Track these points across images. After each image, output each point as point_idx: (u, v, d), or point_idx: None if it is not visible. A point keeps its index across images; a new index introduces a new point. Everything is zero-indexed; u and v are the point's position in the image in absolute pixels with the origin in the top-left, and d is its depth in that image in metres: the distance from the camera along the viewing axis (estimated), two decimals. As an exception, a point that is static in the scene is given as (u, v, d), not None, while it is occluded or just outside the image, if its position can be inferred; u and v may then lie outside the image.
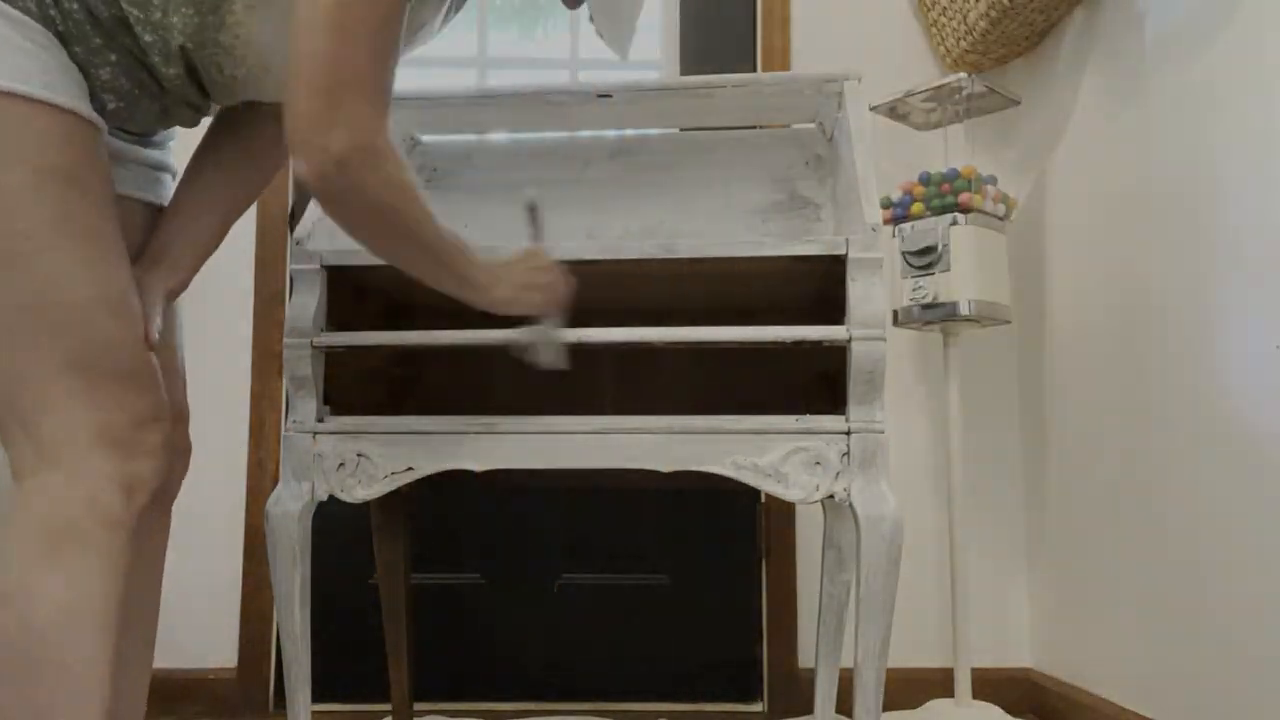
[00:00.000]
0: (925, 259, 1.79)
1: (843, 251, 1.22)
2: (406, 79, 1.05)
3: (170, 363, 1.11)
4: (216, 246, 1.11)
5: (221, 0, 0.94)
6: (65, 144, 0.88)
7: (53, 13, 0.89)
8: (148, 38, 0.94)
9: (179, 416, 1.14)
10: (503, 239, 1.57)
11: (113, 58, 0.94)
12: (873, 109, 1.90)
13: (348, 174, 0.87)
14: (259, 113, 1.12)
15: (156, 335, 0.97)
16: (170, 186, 1.13)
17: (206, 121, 1.15)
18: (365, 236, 0.96)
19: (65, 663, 0.86)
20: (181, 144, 1.15)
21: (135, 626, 1.11)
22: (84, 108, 0.91)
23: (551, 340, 1.19)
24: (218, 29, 0.96)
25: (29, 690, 0.85)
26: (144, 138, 1.09)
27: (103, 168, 0.93)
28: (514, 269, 1.12)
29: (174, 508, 1.16)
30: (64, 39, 0.91)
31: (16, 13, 0.86)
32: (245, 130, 1.13)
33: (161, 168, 1.12)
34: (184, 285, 1.07)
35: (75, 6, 0.90)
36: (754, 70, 2.19)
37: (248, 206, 1.14)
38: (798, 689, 2.00)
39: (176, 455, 1.13)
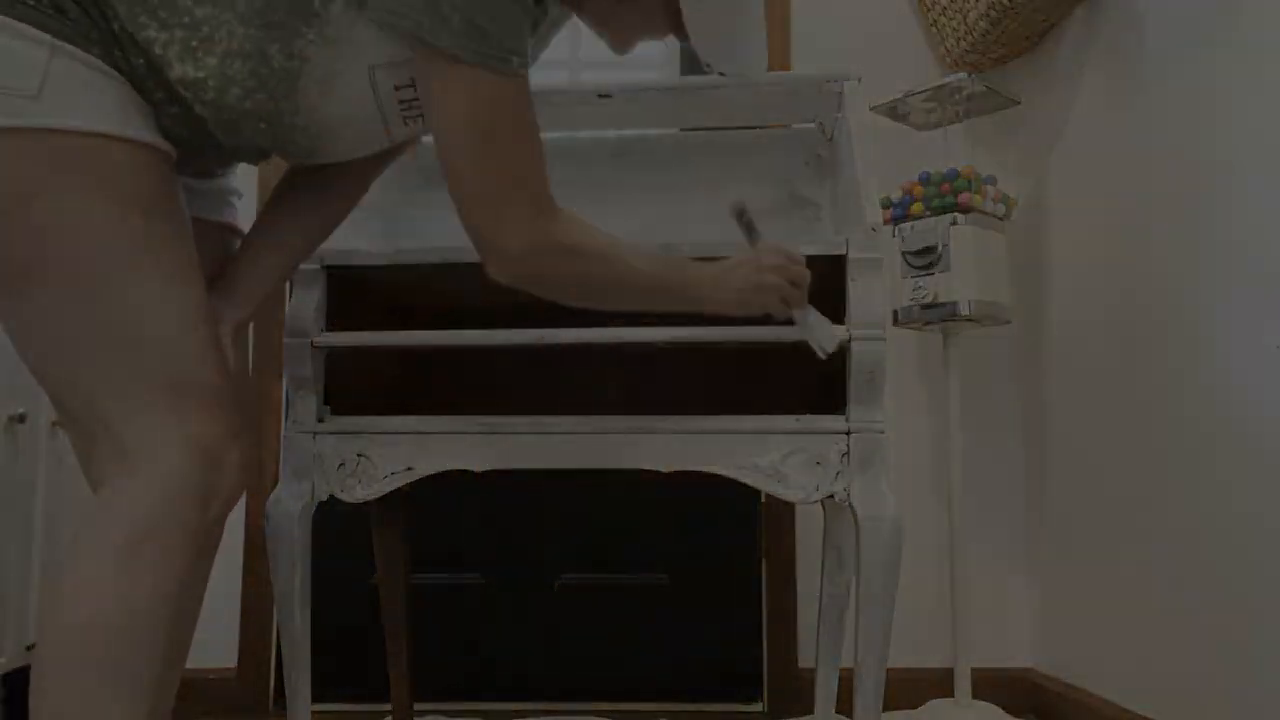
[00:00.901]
0: (925, 259, 1.79)
1: (842, 251, 1.22)
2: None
3: (244, 382, 1.17)
4: (281, 286, 1.16)
5: (295, 85, 0.95)
6: (143, 175, 0.92)
7: (122, 65, 0.92)
8: (199, 110, 0.96)
9: (251, 434, 1.18)
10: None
11: (174, 110, 0.96)
12: (873, 109, 1.90)
13: (530, 267, 0.96)
14: (334, 167, 1.14)
15: (230, 363, 1.02)
16: (237, 208, 1.18)
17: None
18: (573, 301, 1.04)
19: (123, 660, 0.89)
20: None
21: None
22: (157, 139, 0.94)
23: (813, 328, 1.14)
24: (294, 114, 0.98)
25: (87, 685, 0.88)
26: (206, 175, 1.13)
27: (177, 194, 0.97)
28: (736, 273, 1.10)
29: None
30: (132, 83, 0.94)
31: (92, 57, 0.90)
32: (321, 182, 1.15)
33: (229, 191, 1.17)
34: (250, 318, 1.11)
35: (141, 63, 0.93)
36: (754, 70, 2.18)
37: (312, 252, 1.18)
38: (798, 689, 2.00)
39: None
